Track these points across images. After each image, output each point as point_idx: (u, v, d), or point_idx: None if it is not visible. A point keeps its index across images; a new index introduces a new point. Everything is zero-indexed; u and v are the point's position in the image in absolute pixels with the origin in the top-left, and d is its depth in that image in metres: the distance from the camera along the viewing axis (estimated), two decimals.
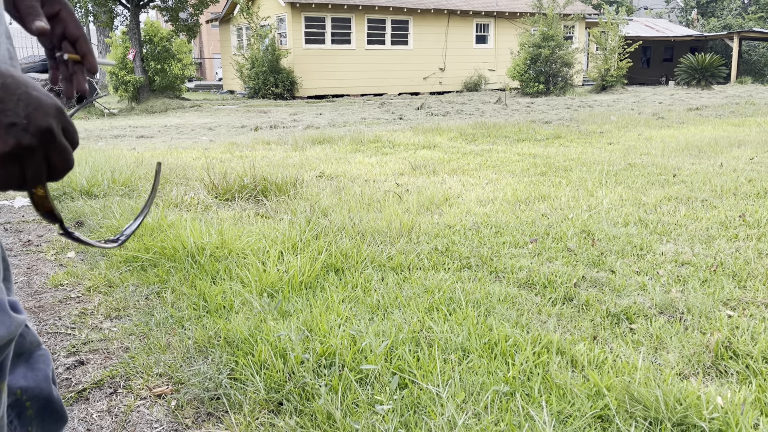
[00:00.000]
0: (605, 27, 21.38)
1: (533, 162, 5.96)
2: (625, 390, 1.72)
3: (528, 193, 4.47)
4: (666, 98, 16.85)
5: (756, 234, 3.35)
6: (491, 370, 1.89)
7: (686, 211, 3.90)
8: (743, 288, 2.62)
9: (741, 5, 41.60)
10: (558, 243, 3.26)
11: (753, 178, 4.89)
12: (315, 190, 4.54)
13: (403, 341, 2.06)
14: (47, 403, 1.03)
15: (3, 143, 0.59)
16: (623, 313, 2.36)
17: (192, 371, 1.95)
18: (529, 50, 19.25)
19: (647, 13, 43.36)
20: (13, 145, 0.60)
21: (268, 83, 19.52)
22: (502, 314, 2.32)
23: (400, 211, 3.73)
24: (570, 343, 2.07)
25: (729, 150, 6.55)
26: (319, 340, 2.06)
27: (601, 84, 21.38)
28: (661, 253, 3.08)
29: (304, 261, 2.75)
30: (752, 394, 1.74)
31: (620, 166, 5.63)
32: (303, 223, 3.40)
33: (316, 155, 6.63)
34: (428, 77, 22.64)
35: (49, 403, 1.03)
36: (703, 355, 2.00)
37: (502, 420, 1.65)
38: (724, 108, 12.76)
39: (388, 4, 21.02)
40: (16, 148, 0.60)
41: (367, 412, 1.70)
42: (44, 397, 1.02)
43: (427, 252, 3.10)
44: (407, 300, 2.45)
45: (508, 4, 23.85)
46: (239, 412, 1.75)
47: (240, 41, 22.92)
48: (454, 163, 5.96)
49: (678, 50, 31.89)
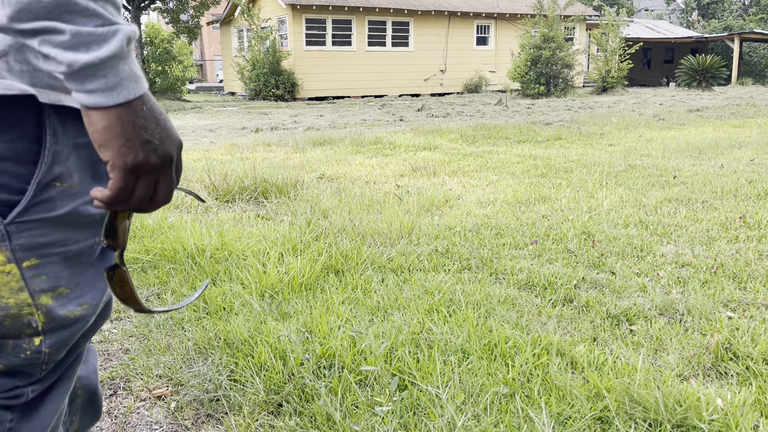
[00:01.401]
0: (606, 28, 21.38)
1: (534, 163, 5.96)
2: (624, 391, 1.71)
3: (528, 194, 4.47)
4: (666, 99, 16.85)
5: (756, 235, 3.35)
6: (491, 372, 1.89)
7: (687, 212, 3.90)
8: (743, 289, 2.62)
9: (742, 7, 41.61)
10: (558, 244, 3.26)
11: (753, 179, 4.89)
12: (315, 191, 4.54)
13: (403, 343, 2.06)
14: (92, 396, 1.07)
15: (135, 154, 0.67)
16: (623, 314, 2.35)
17: (192, 373, 1.95)
18: (530, 52, 19.26)
19: (648, 15, 43.38)
20: (142, 159, 0.68)
21: (268, 85, 19.53)
22: (502, 316, 2.32)
23: (400, 213, 3.73)
24: (570, 345, 2.07)
25: (729, 151, 6.55)
26: (319, 342, 2.06)
27: (602, 85, 21.39)
28: (661, 255, 3.08)
29: (304, 262, 2.75)
30: (752, 396, 1.74)
31: (621, 167, 5.63)
32: (303, 224, 3.40)
33: (317, 157, 6.64)
34: (429, 79, 22.64)
35: (94, 396, 1.07)
36: (703, 356, 1.99)
37: (501, 421, 1.65)
38: (724, 109, 12.76)
39: (389, 6, 21.04)
40: (144, 162, 0.68)
41: (366, 413, 1.70)
42: (93, 388, 1.06)
43: (427, 253, 3.10)
44: (407, 301, 2.45)
45: (508, 6, 23.87)
46: (239, 414, 1.75)
47: (241, 43, 22.95)
48: (454, 165, 5.96)
49: (679, 52, 31.89)
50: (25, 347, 0.77)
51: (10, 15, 0.61)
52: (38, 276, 0.74)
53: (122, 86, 0.65)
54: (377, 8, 20.95)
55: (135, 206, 0.71)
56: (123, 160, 0.67)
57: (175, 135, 0.72)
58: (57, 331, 0.78)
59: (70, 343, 0.82)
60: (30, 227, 0.72)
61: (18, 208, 0.71)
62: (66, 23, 0.62)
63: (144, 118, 0.68)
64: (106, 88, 0.64)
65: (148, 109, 0.68)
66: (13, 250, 0.72)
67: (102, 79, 0.64)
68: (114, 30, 0.64)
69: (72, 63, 0.62)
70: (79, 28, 0.62)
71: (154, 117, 0.69)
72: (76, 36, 0.62)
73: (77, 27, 0.62)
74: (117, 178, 0.68)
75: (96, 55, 0.63)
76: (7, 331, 0.75)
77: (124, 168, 0.68)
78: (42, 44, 0.62)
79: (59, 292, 0.77)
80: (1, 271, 0.72)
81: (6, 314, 0.74)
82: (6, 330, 0.75)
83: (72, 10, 0.62)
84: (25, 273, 0.73)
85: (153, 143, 0.68)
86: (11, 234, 0.71)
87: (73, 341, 0.83)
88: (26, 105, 0.71)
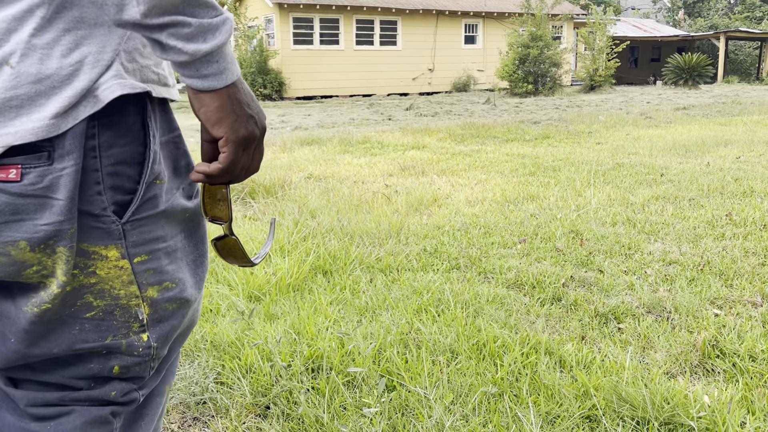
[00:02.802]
0: (593, 27, 21.48)
1: (522, 162, 5.97)
2: (612, 390, 1.72)
3: (517, 193, 4.48)
4: (654, 98, 16.95)
5: (742, 233, 3.37)
6: (479, 372, 1.88)
7: (673, 210, 3.92)
8: (730, 287, 2.63)
9: (727, 5, 41.97)
10: (546, 243, 3.26)
11: (739, 177, 4.92)
12: (303, 191, 4.52)
13: (392, 343, 2.05)
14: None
15: (246, 128, 0.75)
16: (611, 312, 2.36)
17: (178, 376, 1.93)
18: (518, 50, 19.30)
19: (634, 14, 43.64)
20: (251, 132, 0.76)
21: (256, 84, 19.45)
22: (491, 315, 2.31)
23: (388, 212, 3.72)
24: (558, 344, 2.07)
25: (716, 149, 6.59)
26: (307, 343, 2.05)
27: (590, 84, 21.48)
28: (648, 253, 3.09)
29: (292, 263, 2.74)
30: (739, 393, 1.74)
31: (608, 165, 5.65)
32: (291, 224, 3.38)
33: (305, 156, 6.61)
34: (417, 78, 22.65)
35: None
36: (690, 354, 2.00)
37: (490, 421, 1.64)
38: (710, 107, 12.86)
39: (377, 5, 21.01)
40: (251, 134, 0.76)
41: (354, 415, 1.69)
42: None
43: (415, 253, 3.10)
44: (396, 301, 2.44)
45: (496, 5, 23.91)
46: (226, 417, 1.73)
47: None
48: (443, 164, 5.96)
49: (665, 50, 32.10)
50: (137, 344, 0.82)
51: (144, 11, 0.65)
52: (147, 271, 0.80)
53: (229, 69, 0.72)
54: (365, 7, 20.92)
55: (236, 176, 0.78)
56: (236, 134, 0.74)
57: (263, 111, 0.80)
58: (159, 324, 0.84)
59: (171, 338, 0.87)
60: (140, 224, 0.77)
61: (132, 207, 0.76)
62: (191, 16, 0.67)
63: (246, 94, 0.76)
64: (218, 72, 0.71)
65: (245, 88, 0.76)
66: (127, 247, 0.77)
67: (215, 64, 0.71)
68: (224, 18, 0.70)
69: (195, 52, 0.68)
70: (201, 20, 0.68)
71: (250, 94, 0.77)
72: (198, 27, 0.68)
73: (200, 19, 0.68)
74: (230, 151, 0.75)
75: (214, 43, 0.69)
76: (117, 324, 0.80)
77: (237, 141, 0.75)
78: (169, 37, 0.67)
79: (165, 286, 0.83)
80: (115, 265, 0.77)
81: (116, 304, 0.79)
82: (116, 323, 0.80)
83: (195, 4, 0.68)
84: (136, 268, 0.78)
85: (255, 117, 0.77)
86: (126, 232, 0.76)
87: (173, 337, 0.88)
88: (133, 108, 0.76)
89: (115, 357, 0.82)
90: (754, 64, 31.88)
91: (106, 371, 0.82)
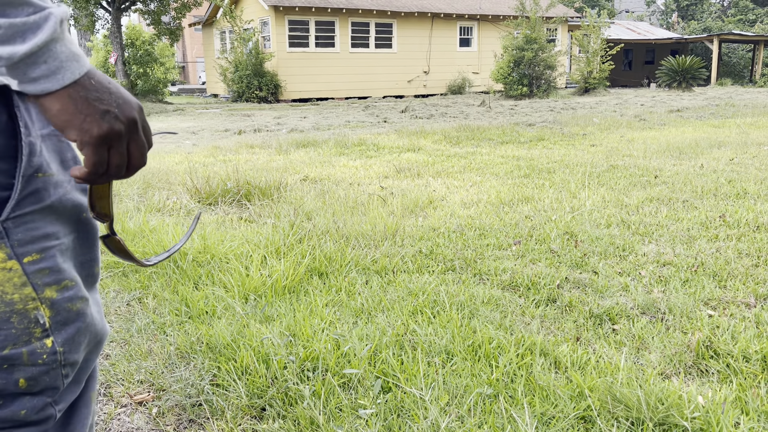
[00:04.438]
0: (587, 30, 21.57)
1: (517, 164, 5.99)
2: (607, 391, 1.72)
3: (512, 195, 4.49)
4: (647, 100, 17.02)
5: (736, 234, 3.39)
6: (475, 373, 1.89)
7: (668, 212, 3.93)
8: (724, 288, 2.65)
9: (720, 8, 42.19)
10: (541, 245, 3.27)
11: (733, 178, 4.95)
12: (299, 193, 4.52)
13: (387, 345, 2.05)
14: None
15: (98, 126, 0.68)
16: (606, 313, 2.37)
17: (174, 378, 1.93)
18: (513, 53, 19.36)
19: (628, 16, 43.82)
20: (108, 129, 0.69)
21: (252, 87, 19.44)
22: (486, 316, 2.32)
23: (384, 214, 3.73)
24: (553, 345, 2.07)
25: (709, 151, 6.63)
26: (303, 345, 2.05)
27: (584, 86, 21.56)
28: (643, 254, 3.11)
29: (288, 265, 2.74)
30: (733, 393, 1.75)
31: (603, 167, 5.67)
32: (286, 227, 3.39)
33: (300, 159, 6.61)
34: (412, 80, 22.68)
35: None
36: (685, 354, 2.01)
37: (485, 423, 1.65)
38: (704, 110, 12.92)
39: (372, 8, 21.04)
40: (109, 131, 0.69)
41: (350, 416, 1.69)
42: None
43: (411, 255, 3.10)
44: (391, 303, 2.45)
45: (491, 8, 23.98)
46: (221, 419, 1.73)
47: (223, 45, 22.83)
48: (438, 166, 5.97)
49: (659, 53, 32.25)
50: (39, 352, 0.75)
51: None
52: (41, 271, 0.74)
53: (65, 68, 0.66)
54: (360, 10, 20.94)
55: (114, 175, 0.73)
56: (89, 135, 0.68)
57: (132, 99, 0.73)
58: (64, 326, 0.77)
59: (81, 341, 0.80)
60: (24, 221, 0.72)
61: (11, 203, 0.71)
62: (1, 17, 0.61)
63: (95, 90, 0.69)
64: (50, 72, 0.65)
65: (96, 82, 0.69)
66: (12, 246, 0.71)
67: (43, 65, 0.64)
68: (46, 15, 0.64)
69: (11, 56, 0.62)
70: (13, 20, 0.62)
71: (105, 87, 0.70)
72: (10, 28, 0.61)
73: (11, 19, 0.61)
74: (89, 153, 0.69)
75: (33, 43, 0.62)
76: (17, 332, 0.73)
77: (92, 142, 0.69)
78: None
79: (64, 285, 0.77)
80: (2, 267, 0.71)
81: (12, 310, 0.73)
82: (15, 330, 0.73)
83: (3, 3, 0.61)
84: (27, 268, 0.73)
85: (112, 111, 0.70)
86: (8, 230, 0.71)
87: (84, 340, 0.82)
88: None
89: (17, 369, 0.74)
90: (747, 67, 32.05)
91: (11, 386, 0.74)
